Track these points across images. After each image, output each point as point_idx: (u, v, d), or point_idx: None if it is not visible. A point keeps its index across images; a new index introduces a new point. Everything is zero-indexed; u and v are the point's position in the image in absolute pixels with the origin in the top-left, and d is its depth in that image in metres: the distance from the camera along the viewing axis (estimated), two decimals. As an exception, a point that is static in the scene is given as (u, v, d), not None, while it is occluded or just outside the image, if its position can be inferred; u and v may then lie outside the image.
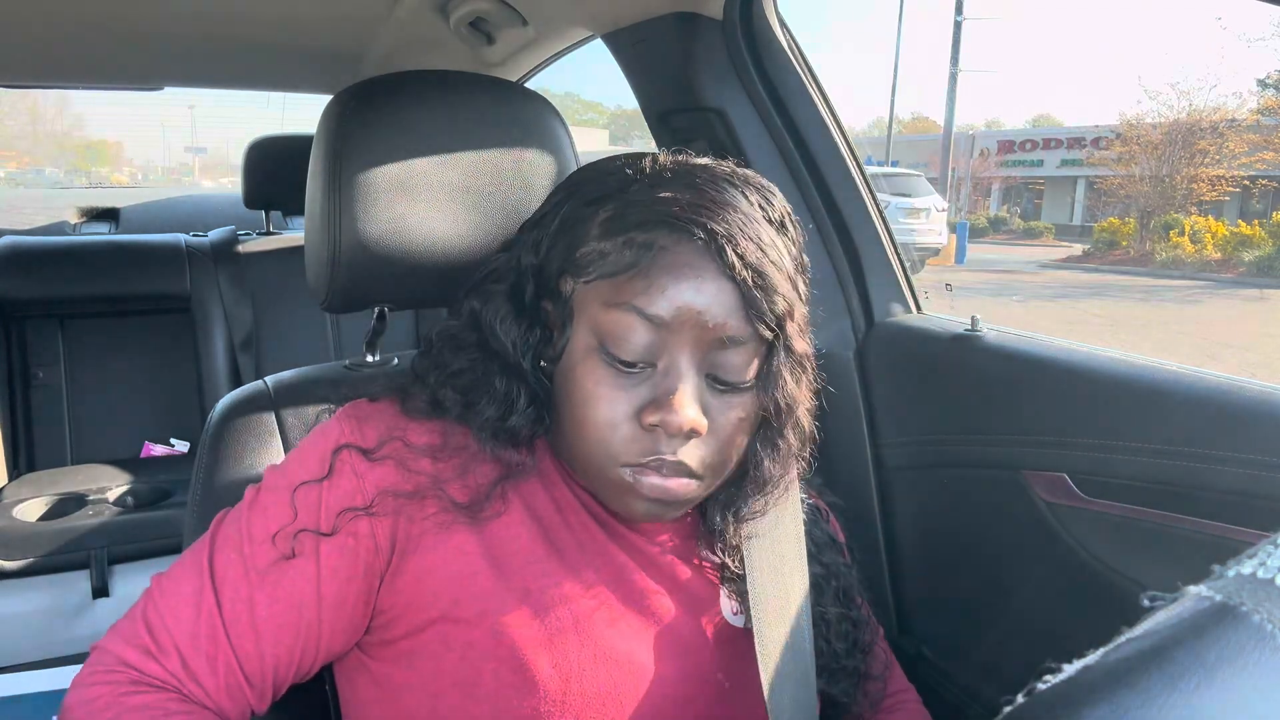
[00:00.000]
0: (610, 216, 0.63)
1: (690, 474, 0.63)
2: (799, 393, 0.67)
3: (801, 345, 0.66)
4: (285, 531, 0.64)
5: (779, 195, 0.67)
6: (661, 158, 0.67)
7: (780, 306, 0.62)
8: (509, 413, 0.67)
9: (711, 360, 0.63)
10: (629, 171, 0.66)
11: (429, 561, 0.64)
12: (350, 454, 0.65)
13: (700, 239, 0.60)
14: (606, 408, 0.62)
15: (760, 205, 0.64)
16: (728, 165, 0.68)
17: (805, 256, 0.68)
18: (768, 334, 0.62)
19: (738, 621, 0.71)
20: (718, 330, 0.61)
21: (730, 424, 0.64)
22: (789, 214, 0.67)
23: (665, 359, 0.62)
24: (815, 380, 0.70)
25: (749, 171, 0.67)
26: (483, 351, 0.68)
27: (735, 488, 0.70)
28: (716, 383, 0.63)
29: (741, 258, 0.60)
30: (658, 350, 0.62)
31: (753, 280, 0.61)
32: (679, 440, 0.62)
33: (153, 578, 0.67)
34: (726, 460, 0.65)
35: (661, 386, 0.62)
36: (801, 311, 0.65)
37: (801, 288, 0.66)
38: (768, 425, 0.67)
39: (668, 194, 0.62)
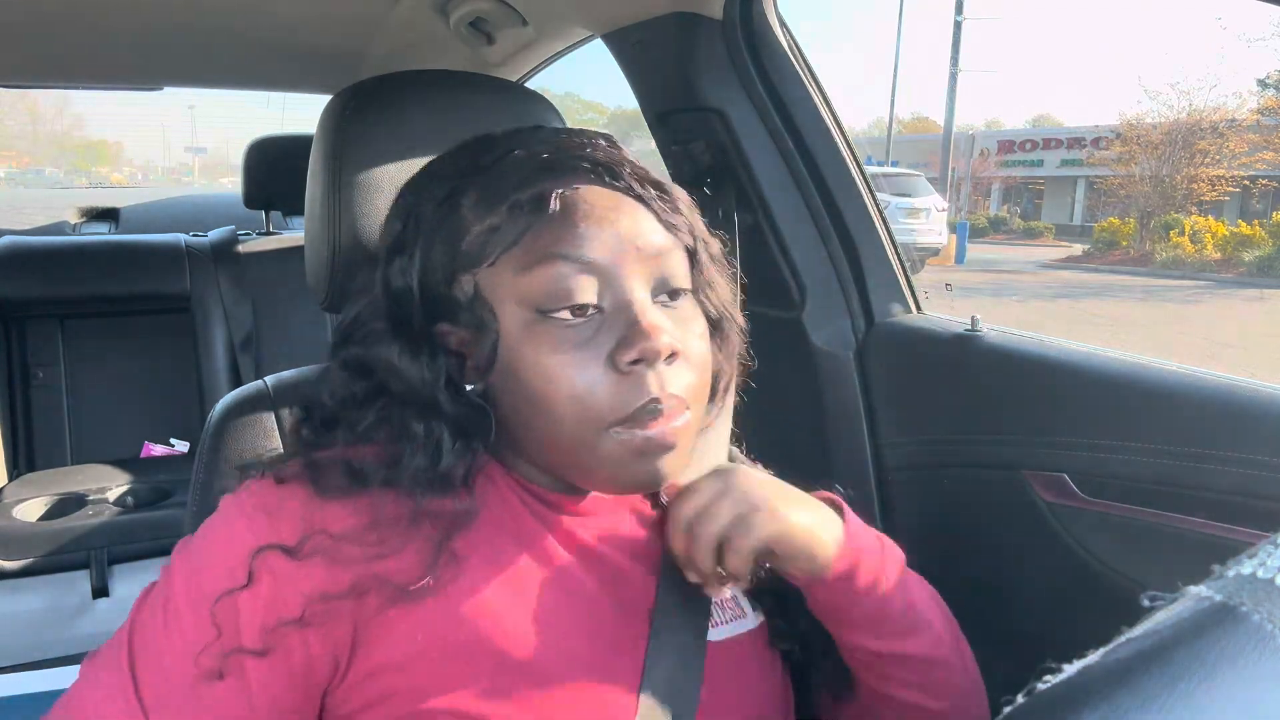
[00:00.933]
0: (479, 196, 0.59)
1: (685, 407, 0.59)
2: (729, 290, 0.67)
3: (717, 245, 0.66)
4: (210, 650, 0.55)
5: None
6: (500, 133, 0.64)
7: (687, 212, 0.62)
8: (438, 455, 0.59)
9: (656, 277, 0.60)
10: (464, 158, 0.63)
11: (380, 659, 0.57)
12: (270, 557, 0.56)
13: (587, 169, 0.59)
14: (574, 370, 0.56)
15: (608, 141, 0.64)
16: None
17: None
18: (687, 239, 0.62)
19: (715, 634, 0.65)
20: (647, 249, 0.59)
21: (696, 339, 0.61)
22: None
23: (610, 296, 0.58)
24: (737, 276, 0.70)
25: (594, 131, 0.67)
26: (387, 397, 0.61)
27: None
28: (668, 300, 0.60)
29: (637, 176, 0.60)
30: (600, 291, 0.58)
31: (657, 193, 0.60)
32: (665, 371, 0.57)
33: (82, 664, 0.58)
34: (705, 382, 0.62)
35: (622, 321, 0.57)
36: (698, 222, 0.65)
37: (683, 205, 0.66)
38: (716, 334, 0.66)
39: (524, 152, 0.60)
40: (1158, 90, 22.90)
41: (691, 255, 0.63)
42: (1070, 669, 0.26)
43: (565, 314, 0.57)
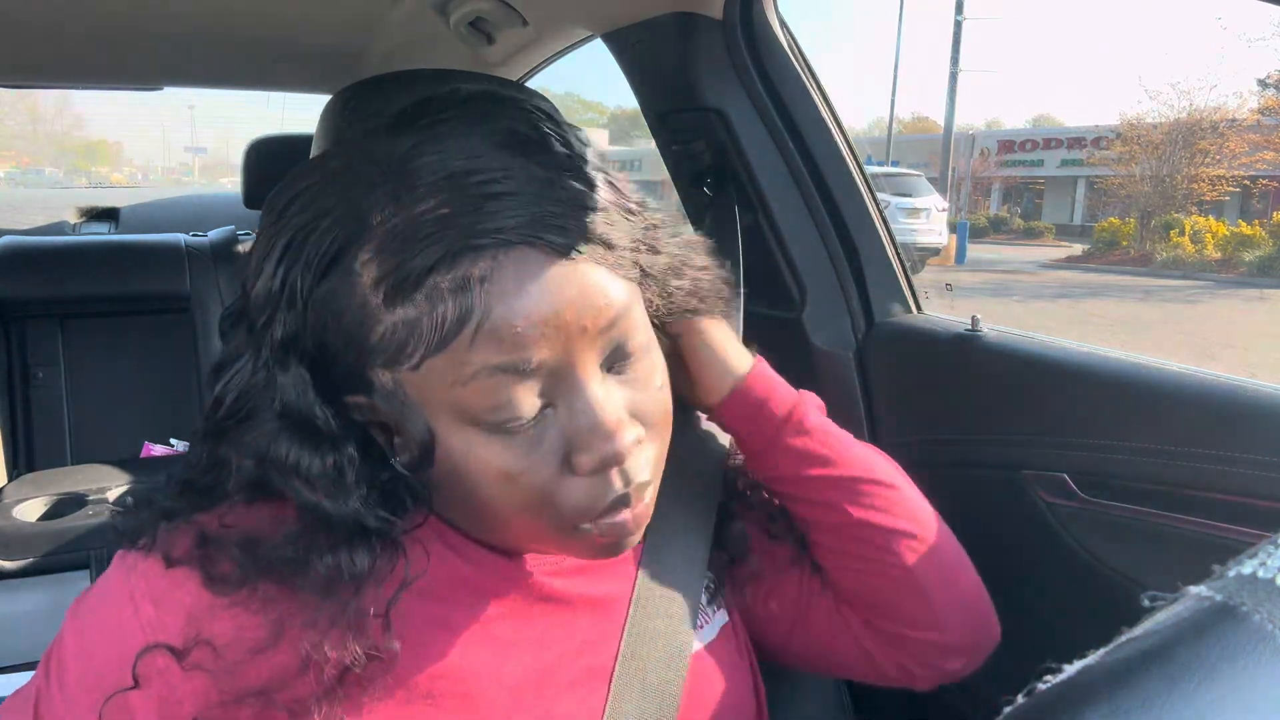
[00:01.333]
0: (381, 273, 0.47)
1: (648, 483, 0.53)
2: (675, 257, 0.58)
3: (667, 250, 0.57)
4: None
5: (531, 95, 0.56)
6: (381, 130, 0.52)
7: (628, 240, 0.51)
8: (367, 570, 0.51)
9: (609, 350, 0.51)
10: (355, 190, 0.48)
11: None
12: (158, 657, 0.50)
13: (517, 227, 0.46)
14: (529, 478, 0.49)
15: (521, 130, 0.50)
16: (456, 94, 0.52)
17: (597, 158, 0.54)
18: (634, 274, 0.52)
19: (707, 635, 0.65)
20: (599, 323, 0.49)
21: (654, 399, 0.54)
22: (579, 141, 0.53)
23: (561, 391, 0.49)
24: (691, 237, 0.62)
25: (478, 89, 0.55)
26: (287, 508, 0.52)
27: None
28: (622, 368, 0.52)
29: (576, 225, 0.48)
30: (548, 388, 0.49)
31: (600, 243, 0.49)
32: (630, 460, 0.51)
33: None
34: (666, 434, 0.56)
35: (574, 423, 0.49)
36: (638, 228, 0.53)
37: (624, 203, 0.53)
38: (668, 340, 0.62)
39: (430, 202, 0.46)
40: (1158, 90, 23.07)
41: (640, 280, 0.54)
42: (1070, 669, 0.26)
43: (509, 423, 0.49)
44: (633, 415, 0.52)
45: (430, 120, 0.50)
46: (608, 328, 0.50)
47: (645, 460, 0.53)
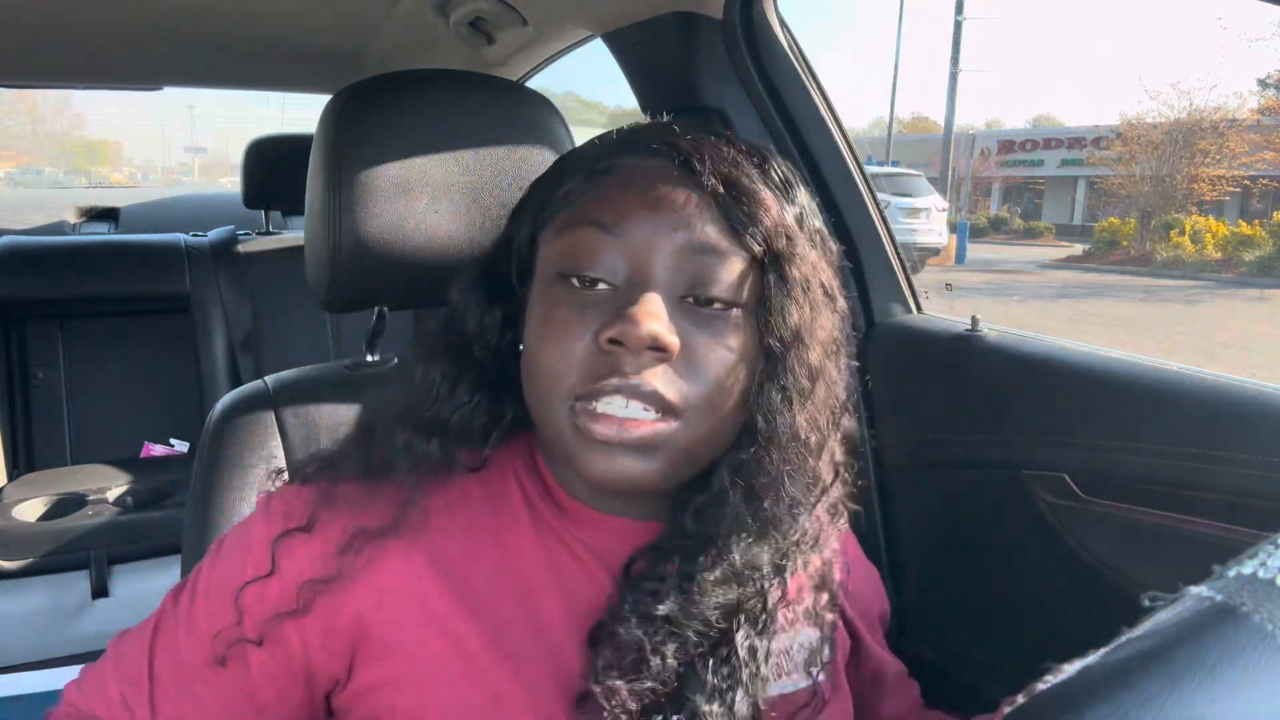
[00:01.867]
0: (571, 169, 0.60)
1: (660, 404, 0.53)
2: (819, 327, 0.57)
3: (817, 274, 0.57)
4: (220, 637, 0.58)
5: (780, 161, 0.60)
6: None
7: (767, 220, 0.55)
8: (452, 409, 0.60)
9: (690, 275, 0.54)
10: (590, 152, 0.62)
11: (377, 673, 0.58)
12: (286, 543, 0.58)
13: (666, 151, 0.56)
14: (561, 332, 0.54)
15: (752, 157, 0.58)
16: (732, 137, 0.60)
17: (823, 227, 0.61)
18: (756, 247, 0.55)
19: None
20: (689, 235, 0.54)
21: (716, 351, 0.54)
22: (792, 176, 0.60)
23: (629, 276, 0.54)
24: (848, 345, 0.61)
25: (753, 142, 0.61)
26: (449, 358, 0.62)
27: (741, 451, 0.57)
28: (697, 302, 0.54)
29: (712, 168, 0.55)
30: (622, 268, 0.54)
31: (726, 189, 0.55)
32: (644, 360, 0.52)
33: (111, 641, 0.63)
34: (714, 400, 0.54)
35: (623, 299, 0.53)
36: (795, 231, 0.57)
37: (808, 233, 0.59)
38: (774, 363, 0.56)
39: (629, 132, 0.60)
40: (1158, 90, 23.05)
41: (762, 269, 0.56)
42: (1070, 669, 0.26)
43: (575, 280, 0.55)
44: (686, 349, 0.54)
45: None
46: (698, 251, 0.54)
47: (668, 381, 0.53)
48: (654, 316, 0.52)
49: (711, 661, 0.56)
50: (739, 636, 0.57)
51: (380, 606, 0.57)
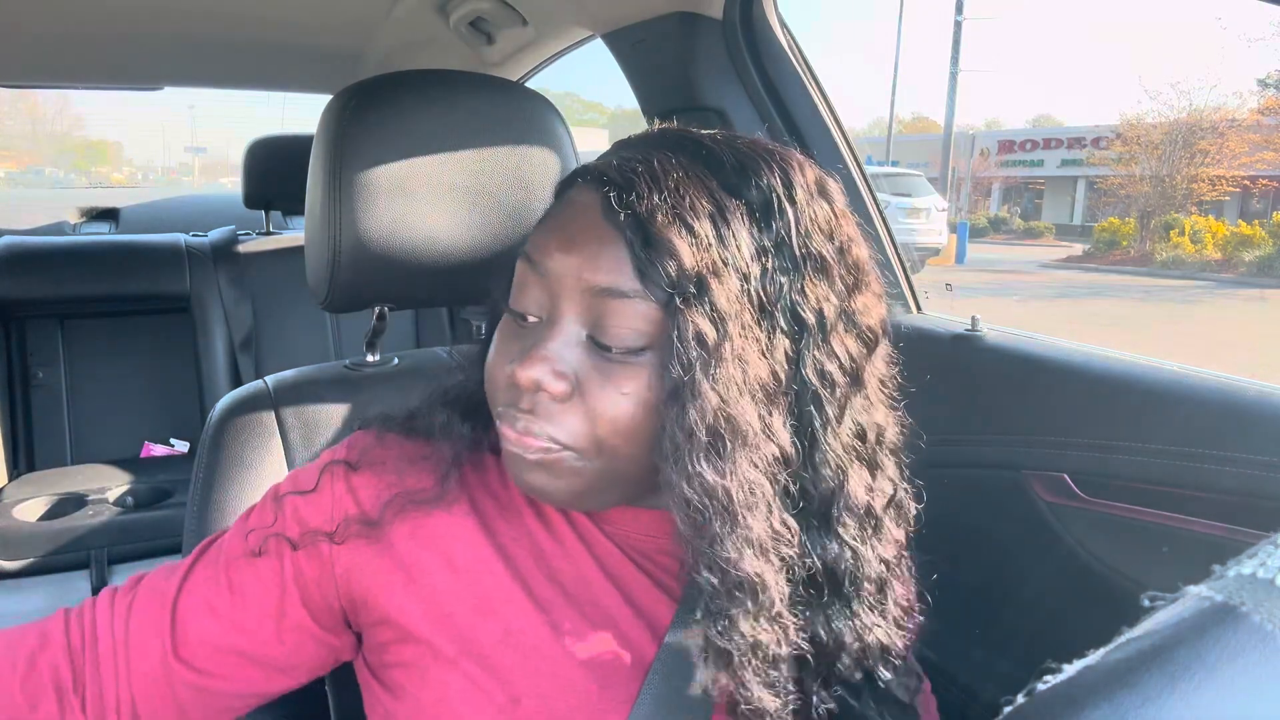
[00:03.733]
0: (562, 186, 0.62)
1: (550, 438, 0.55)
2: (733, 375, 0.52)
3: (735, 311, 0.53)
4: (259, 531, 0.63)
5: (790, 169, 0.57)
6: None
7: (682, 261, 0.51)
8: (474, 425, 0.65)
9: (593, 317, 0.55)
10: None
11: (396, 599, 0.61)
12: (337, 470, 0.64)
13: (605, 179, 0.55)
14: (496, 358, 0.59)
15: (712, 179, 0.55)
16: (749, 136, 0.60)
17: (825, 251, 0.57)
18: (659, 294, 0.52)
19: None
20: (593, 277, 0.54)
21: (610, 396, 0.55)
22: (782, 195, 0.56)
23: (549, 310, 0.57)
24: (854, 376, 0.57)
25: (770, 145, 0.58)
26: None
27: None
28: (597, 345, 0.55)
29: (640, 202, 0.52)
30: (547, 304, 0.57)
31: (636, 229, 0.52)
32: (539, 398, 0.56)
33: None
34: (610, 443, 0.55)
35: (531, 339, 0.57)
36: (721, 275, 0.53)
37: (741, 268, 0.54)
38: (682, 415, 0.52)
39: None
40: (1158, 90, 23.01)
41: (669, 306, 0.53)
42: (1070, 669, 0.26)
43: (514, 311, 0.59)
44: (581, 390, 0.55)
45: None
46: (597, 295, 0.54)
47: (561, 419, 0.55)
48: (541, 361, 0.55)
49: None
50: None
51: (405, 568, 0.61)
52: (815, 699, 0.59)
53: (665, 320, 0.53)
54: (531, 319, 0.58)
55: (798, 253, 0.56)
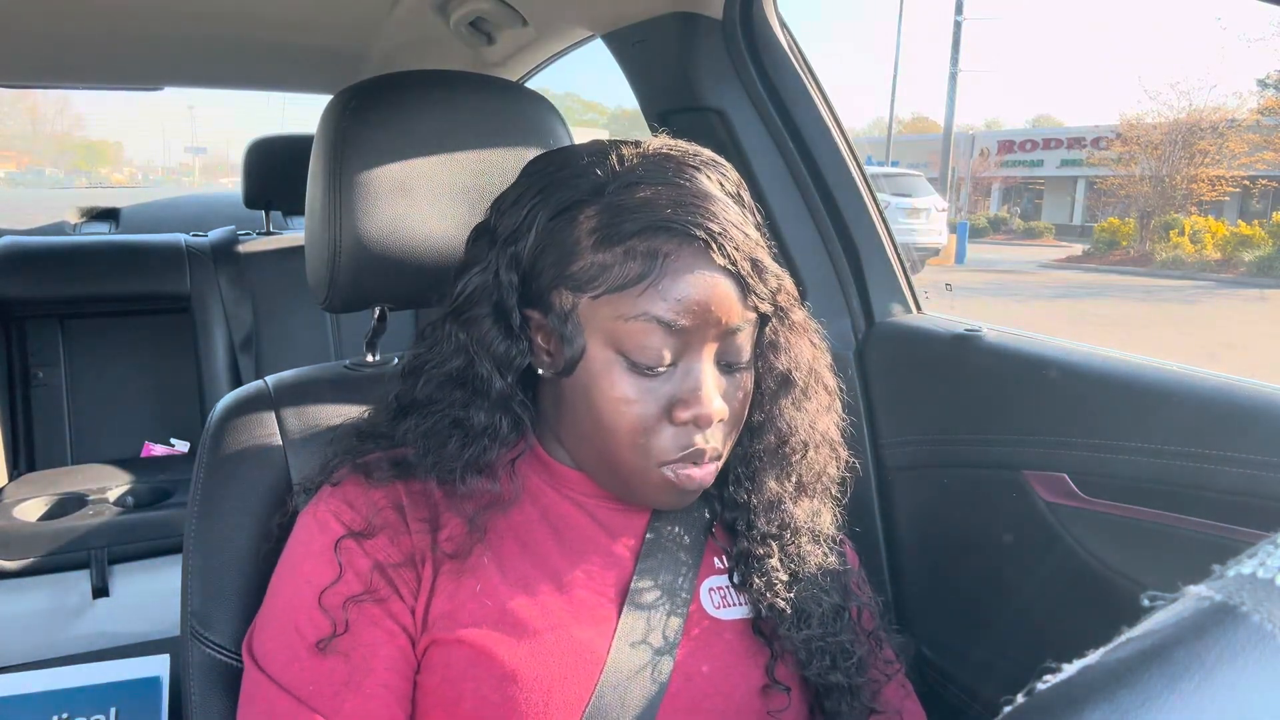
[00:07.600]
0: (598, 225, 0.64)
1: (718, 456, 0.69)
2: (810, 351, 0.74)
3: (799, 313, 0.73)
4: (335, 642, 0.65)
5: (728, 167, 0.71)
6: (625, 149, 0.68)
7: (772, 284, 0.67)
8: (491, 444, 0.68)
9: (725, 350, 0.67)
10: (598, 172, 0.66)
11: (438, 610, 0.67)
12: (348, 544, 0.67)
13: (701, 237, 0.63)
14: (639, 412, 0.66)
15: (721, 183, 0.68)
16: (680, 145, 0.69)
17: (756, 216, 0.72)
18: (767, 309, 0.68)
19: (723, 614, 0.73)
20: (726, 322, 0.65)
21: (739, 401, 0.69)
22: (740, 184, 0.71)
23: (684, 358, 0.66)
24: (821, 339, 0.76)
25: (698, 148, 0.70)
26: (462, 389, 0.69)
27: (748, 461, 0.74)
28: (726, 367, 0.68)
29: (737, 250, 0.64)
30: (677, 351, 0.65)
31: (747, 269, 0.65)
32: (710, 429, 0.67)
33: None
34: (736, 432, 0.71)
35: (685, 384, 0.66)
36: (789, 284, 0.70)
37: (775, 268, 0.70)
38: (788, 386, 0.73)
39: (648, 193, 0.64)
40: (1158, 90, 23.00)
41: (764, 320, 0.70)
42: (1070, 669, 0.26)
43: (644, 367, 0.65)
44: (727, 406, 0.67)
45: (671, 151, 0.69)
46: (733, 331, 0.66)
47: (719, 436, 0.68)
48: (716, 398, 0.66)
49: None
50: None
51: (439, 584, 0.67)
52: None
53: (757, 329, 0.70)
54: (661, 370, 0.65)
55: None
